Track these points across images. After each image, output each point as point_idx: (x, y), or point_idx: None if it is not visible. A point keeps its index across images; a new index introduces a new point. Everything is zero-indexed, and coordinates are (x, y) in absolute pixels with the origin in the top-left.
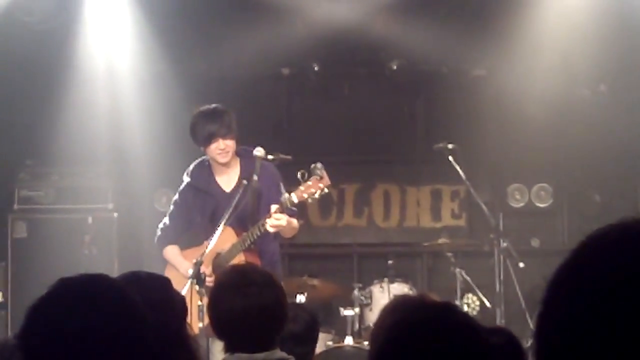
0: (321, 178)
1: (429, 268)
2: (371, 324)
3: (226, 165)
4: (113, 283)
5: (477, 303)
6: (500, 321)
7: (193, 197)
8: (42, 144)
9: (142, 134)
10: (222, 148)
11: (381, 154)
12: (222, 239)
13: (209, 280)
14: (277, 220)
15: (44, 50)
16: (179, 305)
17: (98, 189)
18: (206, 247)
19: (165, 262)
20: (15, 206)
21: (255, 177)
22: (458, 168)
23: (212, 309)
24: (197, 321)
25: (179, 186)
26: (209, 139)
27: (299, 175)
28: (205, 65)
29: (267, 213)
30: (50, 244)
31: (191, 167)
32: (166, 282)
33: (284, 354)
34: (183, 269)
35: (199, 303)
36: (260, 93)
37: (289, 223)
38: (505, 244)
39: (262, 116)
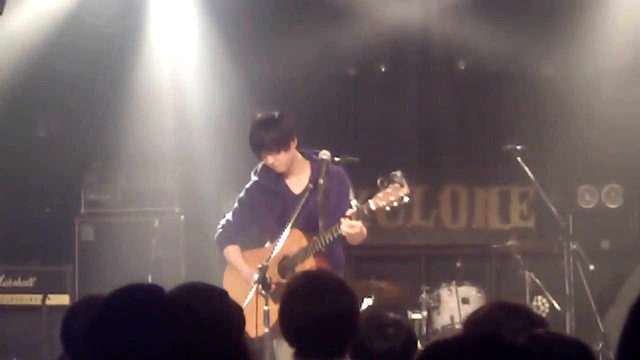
0: (402, 186)
1: (497, 270)
2: (439, 328)
3: (294, 169)
4: (165, 295)
5: (547, 306)
6: (570, 324)
7: (259, 197)
8: (108, 146)
9: (208, 135)
10: (271, 162)
11: (449, 155)
12: (289, 241)
13: (274, 284)
14: (351, 228)
15: (110, 52)
16: (236, 316)
17: (164, 192)
18: (271, 251)
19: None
20: (83, 210)
21: (321, 181)
22: (527, 169)
23: (283, 315)
24: (263, 326)
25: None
26: (256, 153)
27: (378, 183)
28: (271, 65)
29: (335, 217)
30: (118, 247)
31: (259, 165)
32: (223, 293)
33: None
34: (245, 273)
35: (265, 307)
36: (327, 93)
37: (361, 230)
38: (575, 246)
39: (328, 117)
